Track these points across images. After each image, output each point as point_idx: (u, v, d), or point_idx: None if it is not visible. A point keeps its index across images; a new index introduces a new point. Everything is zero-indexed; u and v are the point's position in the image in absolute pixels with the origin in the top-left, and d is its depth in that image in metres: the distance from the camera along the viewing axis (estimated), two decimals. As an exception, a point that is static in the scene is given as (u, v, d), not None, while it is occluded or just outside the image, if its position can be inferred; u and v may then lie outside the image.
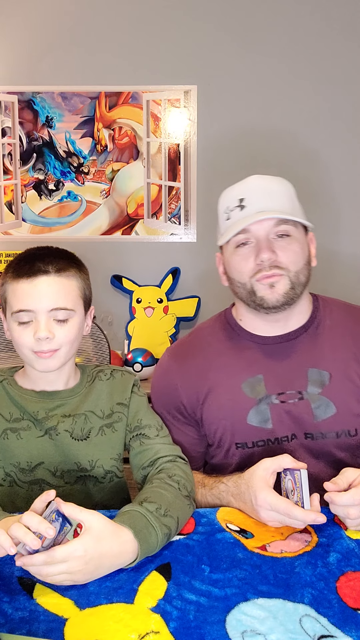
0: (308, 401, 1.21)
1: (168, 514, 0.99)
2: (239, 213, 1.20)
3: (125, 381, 1.22)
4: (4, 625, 0.81)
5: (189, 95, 2.64)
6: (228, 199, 1.24)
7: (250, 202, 1.19)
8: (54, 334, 1.08)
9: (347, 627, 0.80)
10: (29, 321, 1.09)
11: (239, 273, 1.21)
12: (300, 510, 0.98)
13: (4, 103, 2.62)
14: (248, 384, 1.23)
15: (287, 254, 1.18)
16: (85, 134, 2.65)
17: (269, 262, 1.16)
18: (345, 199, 2.68)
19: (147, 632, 0.80)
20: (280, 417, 1.22)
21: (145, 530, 0.94)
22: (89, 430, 1.17)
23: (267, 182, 1.22)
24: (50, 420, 1.15)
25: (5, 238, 2.69)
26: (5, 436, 1.14)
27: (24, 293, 1.08)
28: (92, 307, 1.21)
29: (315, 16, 2.59)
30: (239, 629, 0.80)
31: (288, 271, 1.18)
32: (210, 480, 1.19)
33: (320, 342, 1.25)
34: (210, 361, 1.27)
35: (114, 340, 2.63)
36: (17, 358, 1.59)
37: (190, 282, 2.73)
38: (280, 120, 2.64)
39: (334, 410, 1.21)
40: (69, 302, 1.10)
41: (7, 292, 1.11)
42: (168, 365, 1.31)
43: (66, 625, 0.81)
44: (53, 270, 1.09)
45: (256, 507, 1.03)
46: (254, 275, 1.19)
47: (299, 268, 1.20)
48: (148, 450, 1.17)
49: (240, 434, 1.23)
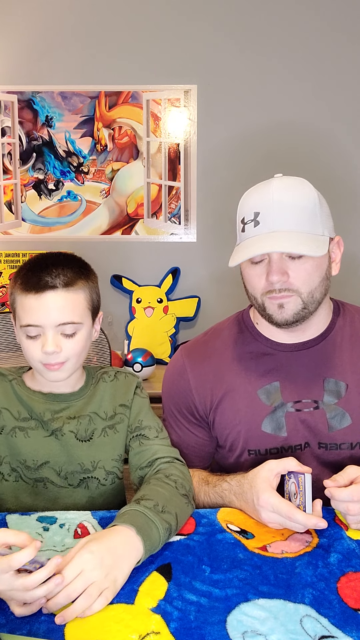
0: (323, 411, 1.20)
1: (166, 509, 0.99)
2: (253, 230, 1.14)
3: (128, 383, 1.23)
4: (5, 625, 0.81)
5: (189, 95, 2.64)
6: (245, 209, 1.17)
7: (264, 219, 1.13)
8: (61, 347, 1.09)
9: (347, 627, 0.80)
10: (37, 335, 1.09)
11: (252, 288, 1.19)
12: (302, 513, 0.97)
13: (3, 103, 2.62)
14: (264, 391, 1.22)
15: (299, 274, 1.13)
16: (85, 133, 2.65)
17: (280, 284, 1.13)
18: (345, 199, 2.68)
19: (148, 633, 0.80)
20: (295, 425, 1.20)
21: (146, 526, 0.94)
22: (92, 431, 1.18)
23: (287, 193, 1.13)
24: (56, 421, 1.16)
25: (5, 238, 2.69)
26: (14, 434, 1.15)
27: (32, 308, 1.08)
28: (100, 312, 1.20)
29: (315, 16, 2.59)
30: (239, 630, 0.80)
31: (299, 292, 1.14)
32: (214, 478, 1.19)
33: (338, 351, 1.23)
34: (227, 364, 1.25)
35: (114, 341, 2.63)
36: (17, 358, 1.60)
37: (190, 282, 2.73)
38: (280, 120, 2.64)
39: (350, 421, 1.19)
40: (76, 316, 1.10)
41: (16, 303, 1.11)
42: (182, 365, 1.28)
43: (66, 626, 0.81)
44: (61, 284, 1.08)
45: (258, 508, 1.03)
46: (265, 294, 1.15)
47: (313, 287, 1.15)
48: (146, 451, 1.17)
49: (254, 440, 1.22)
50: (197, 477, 1.22)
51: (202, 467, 1.29)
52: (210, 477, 1.20)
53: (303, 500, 1.00)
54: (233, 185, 2.63)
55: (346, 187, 2.68)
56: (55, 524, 1.05)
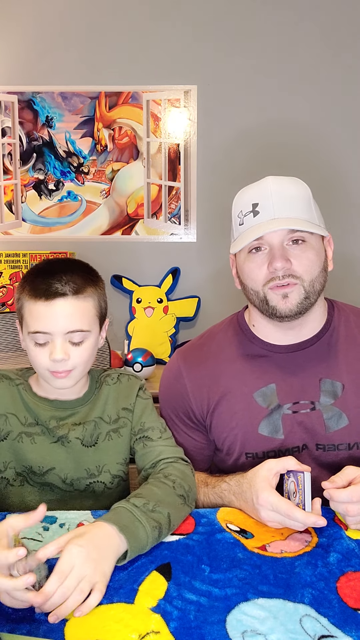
0: (320, 412, 1.20)
1: (157, 509, 0.99)
2: (252, 219, 1.15)
3: (131, 386, 1.22)
4: (5, 625, 0.81)
5: (189, 95, 2.64)
6: (242, 203, 1.19)
7: (264, 207, 1.14)
8: (69, 355, 1.08)
9: (347, 627, 0.80)
10: (45, 342, 1.08)
11: (252, 280, 1.17)
12: (301, 512, 0.97)
13: (4, 103, 2.62)
14: (260, 394, 1.21)
15: (301, 262, 1.14)
16: (85, 133, 2.65)
17: (283, 271, 1.12)
18: (345, 200, 2.68)
19: (148, 632, 0.80)
20: (292, 427, 1.20)
21: (131, 525, 0.94)
22: (97, 436, 1.18)
23: (282, 186, 1.16)
24: (62, 428, 1.16)
25: (5, 238, 2.69)
26: (20, 439, 1.15)
27: (41, 315, 1.07)
28: (107, 320, 1.19)
29: (315, 17, 2.59)
30: (239, 629, 0.80)
31: (302, 280, 1.14)
32: (213, 479, 1.19)
33: (334, 351, 1.23)
34: (223, 367, 1.25)
35: (114, 340, 2.63)
36: (17, 358, 1.60)
37: (190, 282, 2.73)
38: (280, 121, 2.64)
39: (347, 421, 1.19)
40: (85, 324, 1.10)
41: (24, 309, 1.10)
42: (178, 369, 1.28)
43: (66, 625, 0.81)
44: (70, 292, 1.07)
45: (257, 507, 1.03)
46: (267, 284, 1.15)
47: (314, 276, 1.15)
48: (151, 452, 1.17)
49: (251, 443, 1.22)
50: (196, 479, 1.22)
51: (202, 470, 1.29)
52: (210, 479, 1.20)
53: (302, 499, 1.00)
54: (233, 185, 2.62)
55: (346, 187, 2.68)
56: (55, 524, 1.05)
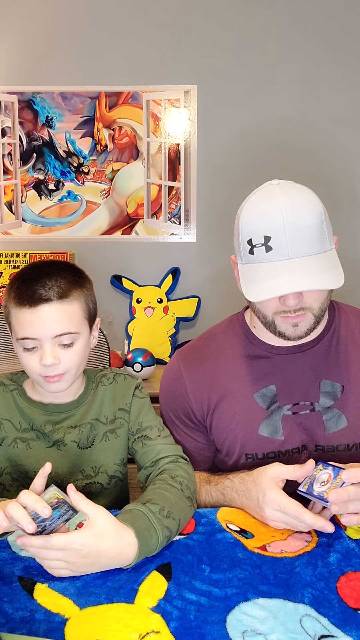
0: (320, 413, 1.20)
1: (171, 515, 0.99)
2: (265, 255, 1.08)
3: (127, 385, 1.22)
4: (5, 625, 0.81)
5: (189, 95, 2.64)
6: (251, 230, 1.10)
7: (277, 244, 1.07)
8: (59, 359, 1.07)
9: (347, 627, 0.80)
10: (34, 347, 1.08)
11: (263, 307, 1.15)
12: (310, 515, 0.97)
13: (4, 103, 2.62)
14: (260, 395, 1.21)
15: (312, 294, 1.11)
16: (85, 134, 2.65)
17: (295, 306, 1.11)
18: (344, 200, 2.68)
19: (148, 632, 0.80)
20: (292, 428, 1.20)
21: (146, 531, 0.94)
22: (93, 437, 1.17)
23: (295, 215, 1.07)
24: (57, 432, 1.15)
25: (5, 238, 2.69)
26: (15, 445, 1.14)
27: (27, 322, 1.06)
28: (97, 319, 1.18)
29: (315, 17, 2.59)
30: (239, 629, 0.80)
31: (312, 309, 1.12)
32: (215, 477, 1.19)
33: (334, 352, 1.23)
34: (223, 368, 1.25)
35: (113, 340, 2.63)
36: (15, 358, 1.60)
37: (190, 282, 2.73)
38: (280, 121, 2.64)
39: (346, 422, 1.19)
40: (72, 326, 1.08)
41: (11, 316, 1.10)
42: (178, 370, 1.28)
43: (67, 625, 0.81)
44: (55, 297, 1.06)
45: (262, 505, 1.03)
46: (278, 313, 1.13)
47: (324, 299, 1.14)
48: (150, 451, 1.17)
49: (251, 444, 1.22)
50: (198, 478, 1.22)
51: (202, 470, 1.28)
52: (212, 477, 1.20)
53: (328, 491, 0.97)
54: (233, 185, 2.64)
55: (345, 187, 2.68)
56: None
